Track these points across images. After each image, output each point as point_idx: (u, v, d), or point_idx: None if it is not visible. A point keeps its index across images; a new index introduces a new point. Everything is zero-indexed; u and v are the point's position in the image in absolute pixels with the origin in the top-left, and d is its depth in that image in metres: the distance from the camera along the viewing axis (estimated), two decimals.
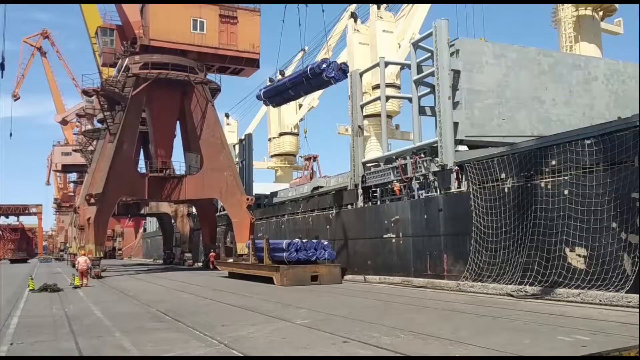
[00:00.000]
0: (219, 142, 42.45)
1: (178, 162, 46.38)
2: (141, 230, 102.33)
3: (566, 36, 52.12)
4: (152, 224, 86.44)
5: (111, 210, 39.77)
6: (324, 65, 24.32)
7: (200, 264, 51.81)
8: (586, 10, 51.97)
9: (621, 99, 27.56)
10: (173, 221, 62.61)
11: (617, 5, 53.50)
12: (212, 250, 45.87)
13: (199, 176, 42.42)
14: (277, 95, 28.37)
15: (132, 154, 41.07)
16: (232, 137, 64.87)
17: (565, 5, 52.48)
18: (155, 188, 41.73)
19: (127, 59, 39.78)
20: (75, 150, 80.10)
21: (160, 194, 42.58)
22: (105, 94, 39.49)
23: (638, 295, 14.15)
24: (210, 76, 44.33)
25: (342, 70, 24.55)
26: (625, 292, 15.00)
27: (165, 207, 58.90)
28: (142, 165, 49.13)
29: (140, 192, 41.41)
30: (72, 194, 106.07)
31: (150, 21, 39.67)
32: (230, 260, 35.75)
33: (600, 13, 53.19)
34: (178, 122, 44.93)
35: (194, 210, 55.30)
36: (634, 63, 29.03)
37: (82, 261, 27.90)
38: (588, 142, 17.07)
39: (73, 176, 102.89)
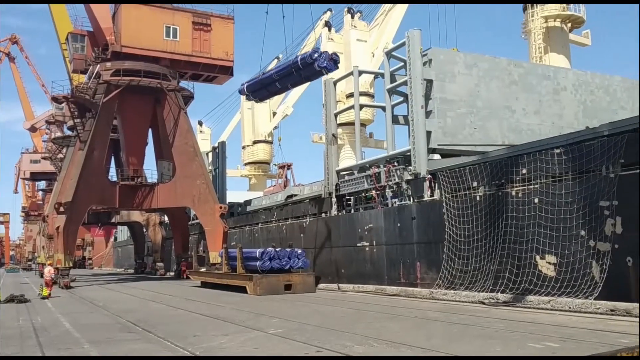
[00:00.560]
0: (192, 150, 42.10)
1: (150, 170, 45.86)
2: (112, 239, 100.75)
3: (536, 47, 53.10)
4: (123, 233, 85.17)
5: (81, 219, 39.07)
6: (316, 55, 23.89)
7: (172, 274, 51.19)
8: (555, 22, 53.06)
9: (589, 109, 28.16)
10: (145, 230, 61.80)
11: (585, 17, 54.72)
12: (183, 260, 45.37)
13: (171, 184, 41.98)
14: (262, 88, 27.58)
15: (102, 162, 40.47)
16: (205, 144, 64.44)
17: (535, 16, 53.50)
18: (127, 196, 41.16)
19: (98, 66, 39.25)
20: (44, 158, 78.59)
21: (132, 203, 42.00)
22: (76, 100, 38.87)
23: (638, 304, 14.16)
24: (183, 83, 44.00)
25: (333, 61, 24.15)
26: (594, 299, 15.24)
27: (137, 216, 58.11)
28: (113, 174, 48.46)
29: (111, 200, 40.80)
30: (41, 202, 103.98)
31: (122, 27, 39.25)
32: (203, 269, 35.37)
33: (569, 24, 54.36)
34: (150, 130, 44.44)
35: (166, 218, 54.67)
36: (601, 74, 29.72)
37: (47, 271, 27.56)
38: (557, 151, 17.37)
39: (42, 184, 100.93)
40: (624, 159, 15.37)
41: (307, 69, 24.22)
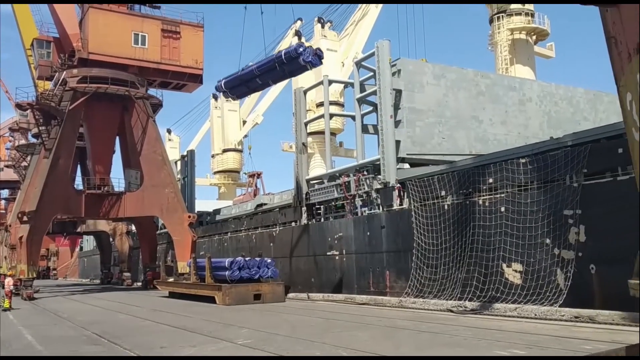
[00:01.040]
0: (160, 159, 41.61)
1: (117, 178, 45.19)
2: (77, 249, 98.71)
3: (502, 59, 54.18)
4: (89, 243, 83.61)
5: (45, 228, 38.21)
6: (301, 49, 23.46)
7: (139, 284, 50.40)
8: (521, 34, 54.26)
9: (553, 120, 28.80)
10: (111, 239, 60.78)
11: (549, 30, 56.08)
12: (151, 270, 44.72)
13: (139, 193, 41.39)
14: (241, 84, 26.79)
15: (68, 170, 39.67)
16: (174, 153, 63.89)
17: (501, 28, 54.62)
18: (93, 205, 40.41)
19: (65, 72, 38.58)
20: (7, 166, 76.74)
21: (98, 212, 41.26)
22: (41, 108, 38.11)
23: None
24: (152, 91, 43.56)
25: (318, 56, 23.78)
26: (559, 306, 15.51)
27: (103, 225, 57.11)
28: (79, 182, 47.58)
29: (77, 209, 40.00)
30: (4, 211, 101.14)
31: (89, 34, 38.69)
32: (171, 279, 34.93)
33: (534, 37, 55.63)
34: (117, 138, 43.83)
35: (133, 228, 53.86)
36: (565, 86, 30.45)
37: (7, 282, 27.07)
38: (523, 161, 17.69)
39: (5, 193, 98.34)
40: (587, 169, 15.75)
41: (291, 63, 23.79)
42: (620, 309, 13.58)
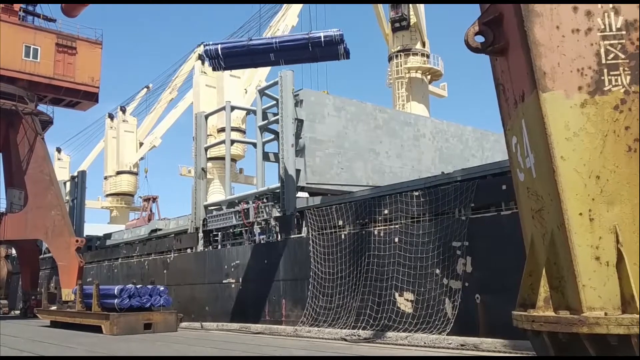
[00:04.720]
0: (48, 179, 39.23)
1: None
2: None
3: (399, 95, 56.57)
4: None
5: None
6: (343, 37, 21.95)
7: (17, 312, 46.82)
8: (417, 73, 57.02)
9: (445, 155, 30.40)
10: None
11: (443, 71, 59.40)
12: (33, 297, 41.75)
13: (21, 215, 38.67)
14: (246, 55, 23.47)
15: None
16: (63, 173, 60.64)
17: (400, 66, 57.13)
18: None
19: None
20: None
21: None
22: None
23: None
24: (43, 107, 41.26)
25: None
26: (447, 335, 16.16)
27: None
28: None
29: None
30: None
31: None
32: (54, 307, 32.71)
33: (429, 77, 58.66)
34: (0, 155, 40.97)
35: (14, 251, 50.17)
36: (455, 124, 32.33)
37: None
38: (416, 193, 18.46)
39: None
40: (474, 203, 16.70)
41: (329, 48, 22.25)
42: (502, 337, 14.36)
